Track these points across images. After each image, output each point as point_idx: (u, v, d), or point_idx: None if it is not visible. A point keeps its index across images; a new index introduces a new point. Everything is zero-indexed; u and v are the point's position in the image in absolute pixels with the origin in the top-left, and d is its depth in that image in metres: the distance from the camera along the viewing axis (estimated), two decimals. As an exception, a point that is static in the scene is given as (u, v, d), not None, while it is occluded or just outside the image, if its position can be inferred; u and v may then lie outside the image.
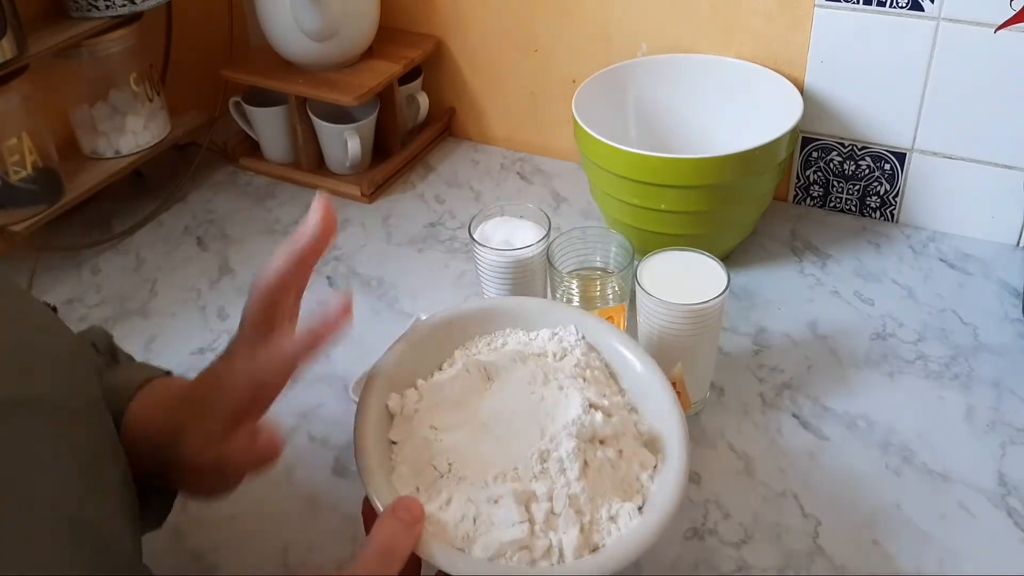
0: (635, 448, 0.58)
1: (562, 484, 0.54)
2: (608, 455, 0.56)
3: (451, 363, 0.63)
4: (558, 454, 0.54)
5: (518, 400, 0.58)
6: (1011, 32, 0.85)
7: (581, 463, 0.54)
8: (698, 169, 0.83)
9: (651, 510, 0.54)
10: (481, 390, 0.60)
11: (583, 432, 0.55)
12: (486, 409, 0.59)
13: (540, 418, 0.57)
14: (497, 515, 0.52)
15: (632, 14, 1.02)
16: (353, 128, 1.07)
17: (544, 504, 0.53)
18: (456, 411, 0.59)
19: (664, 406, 0.59)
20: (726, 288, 0.72)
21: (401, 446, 0.57)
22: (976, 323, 0.86)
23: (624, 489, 0.56)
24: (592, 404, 0.58)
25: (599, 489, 0.55)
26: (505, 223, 0.84)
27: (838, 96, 0.96)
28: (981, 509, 0.69)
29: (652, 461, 0.58)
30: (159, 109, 1.09)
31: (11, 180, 0.94)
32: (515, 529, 0.51)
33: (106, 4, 0.97)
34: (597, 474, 0.55)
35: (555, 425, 0.56)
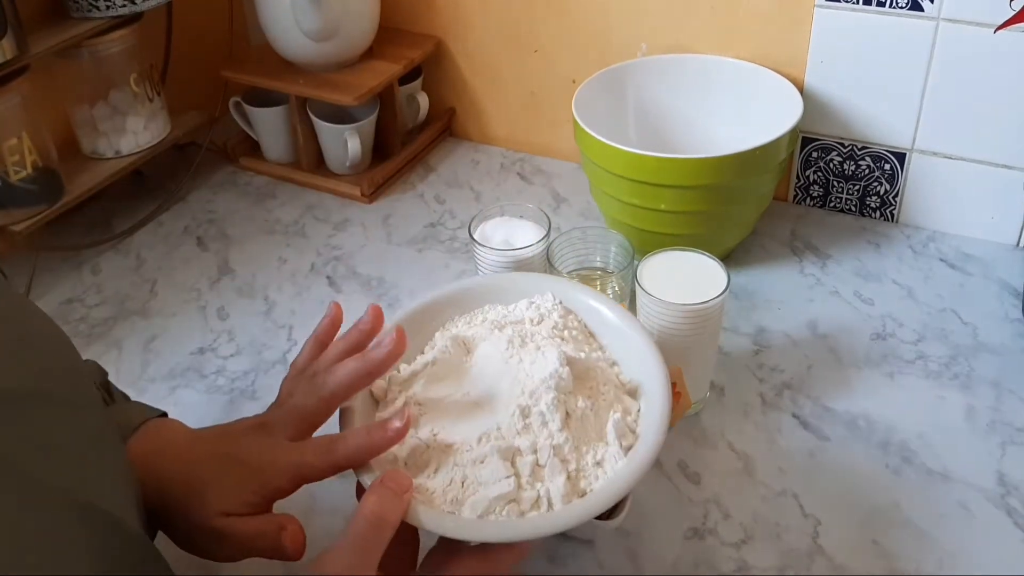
0: (618, 396, 0.59)
1: (545, 436, 0.54)
2: (589, 404, 0.57)
3: (432, 345, 0.64)
4: (539, 408, 0.55)
5: (497, 365, 0.59)
6: (1011, 32, 0.85)
7: (562, 414, 0.55)
8: (698, 169, 0.83)
9: (636, 451, 0.55)
10: (461, 362, 0.61)
11: (562, 384, 0.56)
12: (467, 378, 0.60)
13: (520, 378, 0.57)
14: (483, 474, 0.53)
15: (632, 14, 1.03)
16: (353, 128, 1.07)
17: (528, 457, 0.54)
18: (438, 386, 0.60)
19: (644, 356, 0.60)
20: (726, 288, 0.72)
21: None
22: (976, 323, 0.86)
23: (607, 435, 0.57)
24: (569, 357, 0.58)
25: (583, 437, 0.55)
26: (505, 223, 0.84)
27: (838, 96, 0.96)
28: (981, 509, 0.69)
29: (636, 406, 0.59)
30: (159, 109, 1.09)
31: (11, 180, 0.94)
32: (501, 484, 0.52)
33: (106, 4, 0.97)
34: (580, 423, 0.56)
35: (534, 381, 0.57)
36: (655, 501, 0.71)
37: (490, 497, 0.52)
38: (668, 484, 0.73)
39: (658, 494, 0.72)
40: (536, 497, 0.53)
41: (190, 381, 0.85)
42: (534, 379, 0.57)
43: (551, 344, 0.60)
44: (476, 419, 0.57)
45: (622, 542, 0.68)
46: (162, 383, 0.85)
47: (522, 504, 0.52)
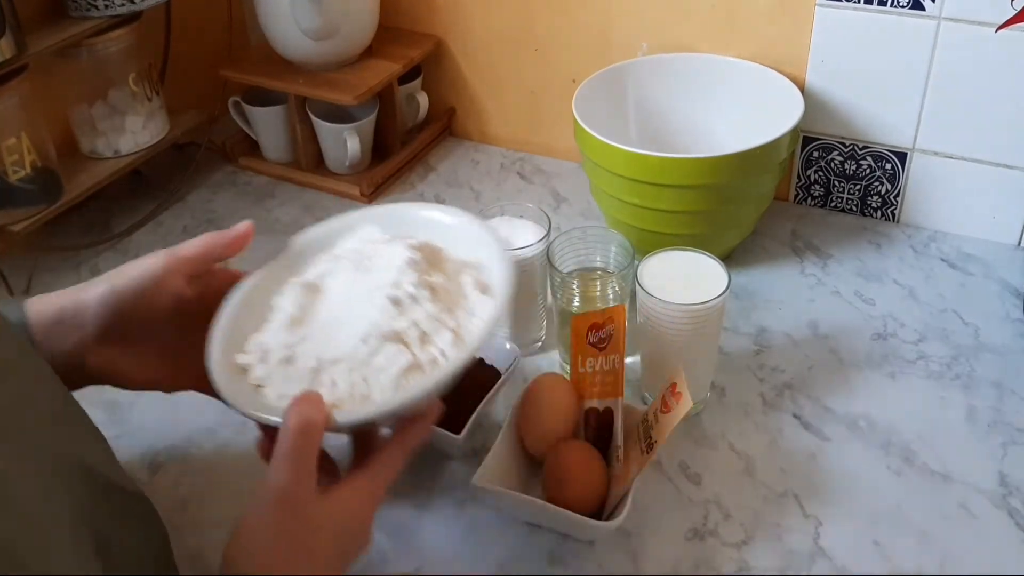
0: (464, 266, 0.64)
1: (420, 312, 0.58)
2: (443, 278, 0.62)
3: (278, 302, 0.64)
4: (405, 291, 0.59)
5: (351, 283, 0.62)
6: (1012, 31, 0.85)
7: (429, 291, 0.59)
8: (698, 169, 0.83)
9: (495, 292, 0.61)
10: (314, 299, 0.63)
11: (417, 265, 0.61)
12: (326, 306, 0.62)
13: (378, 281, 0.60)
14: (379, 362, 0.56)
15: (632, 14, 1.02)
16: (353, 128, 1.07)
17: (413, 332, 0.58)
18: (300, 327, 0.61)
19: (486, 246, 0.64)
20: (727, 288, 0.72)
21: (268, 379, 0.59)
22: (977, 323, 0.86)
23: (468, 293, 0.62)
24: (415, 244, 0.63)
25: (450, 303, 0.60)
26: (505, 223, 0.83)
27: (839, 96, 0.96)
28: (982, 509, 0.69)
29: (478, 270, 0.64)
30: (158, 109, 1.09)
31: (10, 180, 0.94)
32: (399, 360, 0.56)
33: (105, 4, 0.96)
34: (444, 293, 0.61)
35: (392, 274, 0.60)
36: (656, 501, 0.71)
37: (393, 374, 0.56)
38: (669, 484, 0.72)
39: (659, 494, 0.71)
40: (433, 357, 0.57)
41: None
42: (392, 272, 0.60)
43: (396, 244, 0.63)
44: (352, 328, 0.59)
45: (622, 542, 0.68)
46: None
47: (424, 369, 0.56)
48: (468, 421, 0.72)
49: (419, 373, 0.56)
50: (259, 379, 0.59)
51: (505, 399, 0.77)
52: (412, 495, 0.73)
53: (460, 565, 0.67)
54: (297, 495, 0.51)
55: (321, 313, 0.62)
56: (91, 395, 0.83)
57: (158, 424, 0.80)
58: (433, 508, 0.72)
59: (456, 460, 0.75)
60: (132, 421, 0.81)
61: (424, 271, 0.61)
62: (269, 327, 0.62)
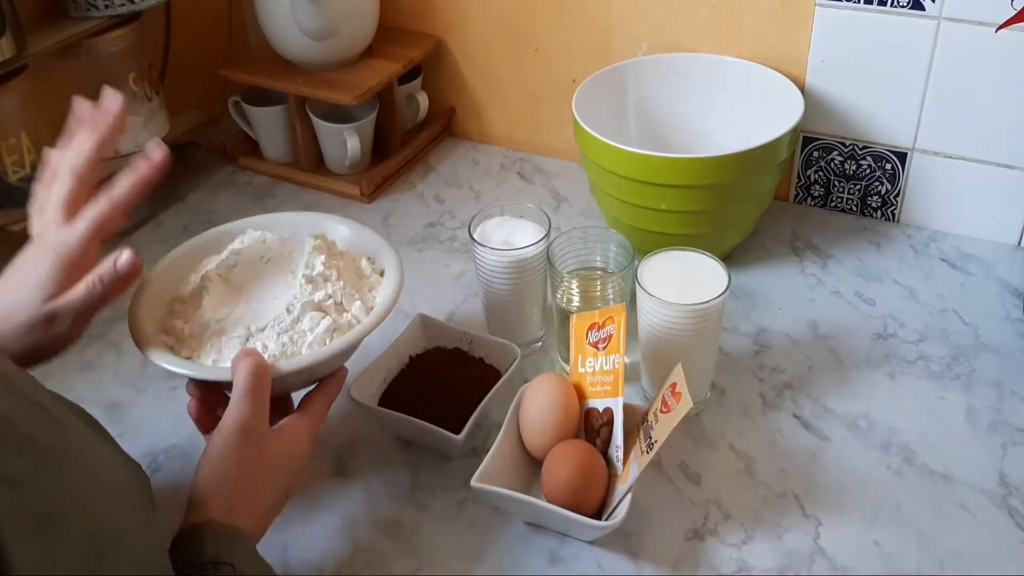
0: (356, 256, 0.76)
1: (331, 287, 0.70)
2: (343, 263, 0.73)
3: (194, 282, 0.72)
4: (316, 271, 0.70)
5: (262, 269, 0.73)
6: (1012, 31, 0.85)
7: (336, 271, 0.71)
8: (698, 169, 0.83)
9: (389, 271, 0.73)
10: (227, 285, 0.72)
11: (322, 247, 0.72)
12: (243, 289, 0.72)
13: (290, 266, 0.72)
14: (303, 327, 0.68)
15: (632, 14, 1.02)
16: (353, 128, 1.07)
17: (329, 302, 0.69)
18: (223, 307, 0.70)
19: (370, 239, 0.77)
20: (727, 288, 0.72)
21: (200, 351, 0.68)
22: (977, 323, 0.86)
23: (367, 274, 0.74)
24: (317, 237, 0.74)
25: (353, 281, 0.72)
26: (505, 223, 0.83)
27: (839, 95, 0.96)
28: (982, 509, 0.69)
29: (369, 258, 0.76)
30: (158, 109, 1.09)
31: (10, 180, 0.94)
32: (321, 325, 0.68)
33: (105, 4, 0.96)
34: (349, 273, 0.73)
35: (303, 258, 0.72)
36: (655, 501, 0.71)
37: (319, 334, 0.67)
38: (669, 484, 0.72)
39: (659, 494, 0.72)
40: (349, 321, 0.69)
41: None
42: (303, 257, 0.72)
43: (296, 237, 0.75)
44: (274, 303, 0.70)
45: (622, 542, 0.68)
46: (161, 383, 0.85)
47: (342, 330, 0.68)
48: (468, 421, 0.72)
49: (339, 333, 0.68)
50: (190, 352, 0.68)
51: (505, 399, 0.77)
52: (412, 495, 0.73)
53: (460, 565, 0.68)
54: (256, 428, 0.60)
55: (240, 295, 0.71)
56: (91, 396, 0.84)
57: (158, 424, 0.81)
58: (433, 508, 0.72)
59: (456, 460, 0.75)
60: (132, 421, 0.81)
61: (328, 255, 0.72)
62: (187, 310, 0.71)
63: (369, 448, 0.77)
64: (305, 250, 0.73)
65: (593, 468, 0.68)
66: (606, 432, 0.70)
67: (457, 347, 0.82)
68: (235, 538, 0.55)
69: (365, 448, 0.77)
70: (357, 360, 0.81)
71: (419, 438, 0.76)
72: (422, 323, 0.83)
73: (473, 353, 0.81)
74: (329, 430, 0.79)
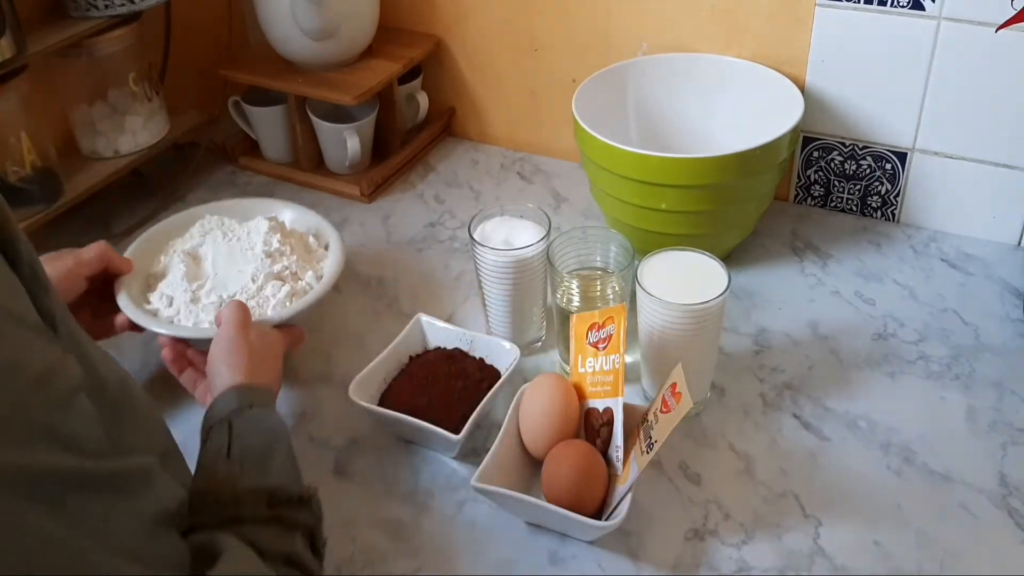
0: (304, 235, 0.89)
1: (287, 260, 0.83)
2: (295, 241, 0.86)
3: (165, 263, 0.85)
4: (274, 247, 0.84)
5: (226, 246, 0.85)
6: (1012, 31, 0.85)
7: (289, 247, 0.85)
8: (698, 169, 0.83)
9: (332, 247, 0.86)
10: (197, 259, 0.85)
11: (276, 230, 0.85)
12: (211, 263, 0.84)
13: (250, 242, 0.85)
14: (267, 293, 0.81)
15: (632, 14, 1.02)
16: (353, 128, 1.07)
17: (287, 272, 0.83)
18: (195, 279, 0.82)
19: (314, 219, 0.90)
20: (726, 288, 0.72)
21: (178, 316, 0.80)
22: (977, 323, 0.86)
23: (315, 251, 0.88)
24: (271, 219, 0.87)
25: (308, 253, 0.86)
26: (505, 223, 0.83)
27: (839, 96, 0.96)
28: (982, 509, 0.69)
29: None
30: (158, 109, 1.09)
31: (10, 180, 0.94)
32: (283, 291, 0.81)
33: (105, 4, 0.96)
34: (300, 248, 0.86)
35: (260, 236, 0.85)
36: (655, 501, 0.71)
37: (280, 298, 0.80)
38: (668, 484, 0.72)
39: (658, 494, 0.72)
40: (304, 287, 0.82)
41: (189, 381, 0.85)
42: (260, 235, 0.85)
43: (252, 219, 0.88)
44: (240, 275, 0.82)
45: (622, 542, 0.68)
46: (162, 383, 0.85)
47: (300, 294, 0.82)
48: (467, 421, 0.72)
49: (297, 297, 0.81)
50: (169, 317, 0.80)
51: (505, 399, 0.77)
52: (412, 496, 0.73)
53: (460, 565, 0.68)
54: (248, 325, 0.73)
55: (209, 268, 0.84)
56: (91, 395, 0.83)
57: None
58: (433, 508, 0.72)
59: (456, 460, 0.75)
60: (132, 421, 0.81)
61: (283, 235, 0.86)
62: (166, 282, 0.83)
63: (369, 448, 0.77)
64: (261, 230, 0.85)
65: (593, 468, 0.68)
66: (606, 432, 0.70)
67: (457, 347, 0.82)
68: (267, 392, 0.68)
69: (365, 448, 0.77)
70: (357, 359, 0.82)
71: (419, 438, 0.76)
72: (422, 323, 0.83)
73: (473, 353, 0.81)
74: (329, 430, 0.79)
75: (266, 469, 0.60)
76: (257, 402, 0.65)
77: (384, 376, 0.79)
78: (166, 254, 0.86)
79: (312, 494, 0.59)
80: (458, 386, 0.77)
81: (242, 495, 0.56)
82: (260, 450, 0.61)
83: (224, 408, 0.64)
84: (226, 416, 0.63)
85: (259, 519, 0.55)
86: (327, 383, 0.84)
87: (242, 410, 0.64)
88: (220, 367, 0.69)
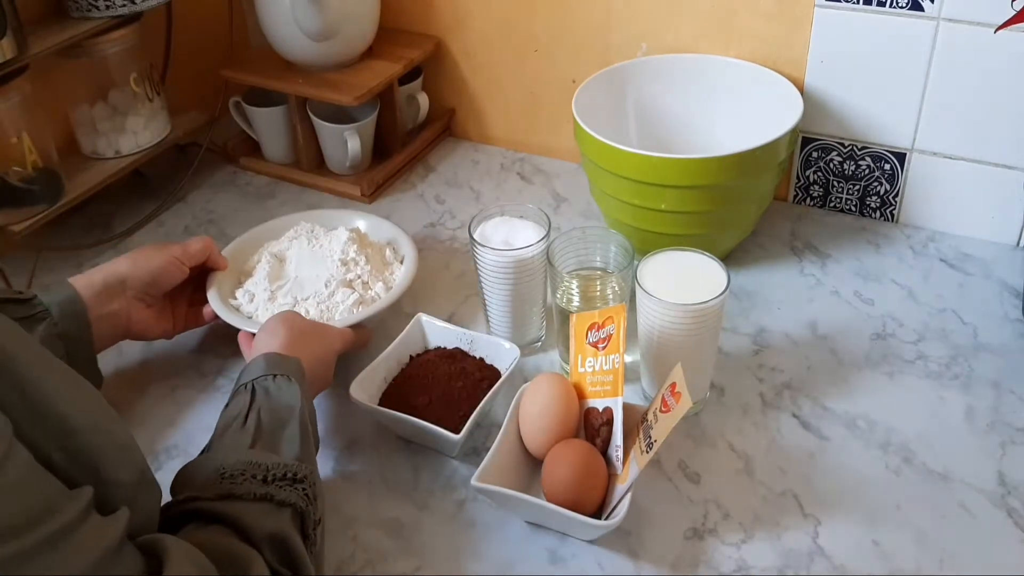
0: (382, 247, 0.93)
1: (359, 270, 0.88)
2: (370, 251, 0.91)
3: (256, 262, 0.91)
4: (349, 256, 0.88)
5: (308, 252, 0.90)
6: (1011, 32, 0.85)
7: (364, 257, 0.89)
8: (698, 169, 0.83)
9: (407, 260, 0.90)
10: (282, 262, 0.91)
11: (355, 240, 0.90)
12: (293, 266, 0.89)
13: (329, 251, 0.90)
14: (336, 300, 0.85)
15: (632, 14, 1.02)
16: (353, 128, 1.07)
17: (358, 282, 0.87)
18: (277, 279, 0.88)
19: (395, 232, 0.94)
20: (726, 288, 0.72)
21: (256, 312, 0.85)
22: (976, 323, 0.86)
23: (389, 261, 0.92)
24: (352, 229, 0.92)
25: (381, 264, 0.90)
26: (505, 223, 0.84)
27: (838, 96, 0.96)
28: (981, 509, 0.69)
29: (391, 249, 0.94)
30: (159, 109, 1.09)
31: (11, 180, 0.94)
32: (351, 298, 0.85)
33: (106, 4, 0.97)
34: (375, 259, 0.90)
35: (340, 245, 0.89)
36: (655, 501, 0.71)
37: (348, 305, 0.85)
38: (668, 484, 0.73)
39: (658, 494, 0.72)
40: (372, 296, 0.86)
41: (190, 380, 0.85)
42: (339, 244, 0.89)
43: (335, 229, 0.93)
44: (315, 280, 0.87)
45: (622, 541, 0.68)
46: (162, 382, 0.85)
47: (368, 302, 0.86)
48: (467, 421, 0.73)
49: (364, 306, 0.85)
50: (249, 312, 0.86)
51: (505, 399, 0.77)
52: (412, 495, 0.73)
53: (460, 565, 0.68)
54: (296, 316, 0.77)
55: (290, 271, 0.89)
56: (92, 395, 0.84)
57: (158, 424, 0.81)
58: (433, 508, 0.72)
59: (456, 460, 0.76)
60: (132, 421, 0.81)
61: (360, 244, 0.90)
62: (252, 280, 0.88)
63: (369, 448, 0.78)
64: (341, 239, 0.90)
65: (593, 467, 0.68)
66: (606, 432, 0.70)
67: (457, 347, 0.82)
68: (296, 363, 0.69)
69: (365, 448, 0.78)
70: (358, 359, 0.82)
71: (419, 438, 0.77)
72: (422, 323, 0.83)
73: (473, 353, 0.81)
74: (329, 430, 0.79)
75: (275, 442, 0.62)
76: (284, 372, 0.67)
77: (384, 376, 0.79)
78: (257, 254, 0.92)
79: (307, 474, 0.60)
80: (458, 386, 0.77)
81: (239, 469, 0.58)
82: (273, 423, 0.64)
83: (251, 374, 0.67)
84: (250, 381, 0.66)
85: (251, 495, 0.57)
86: (327, 383, 0.84)
87: (267, 378, 0.66)
88: (260, 337, 0.74)
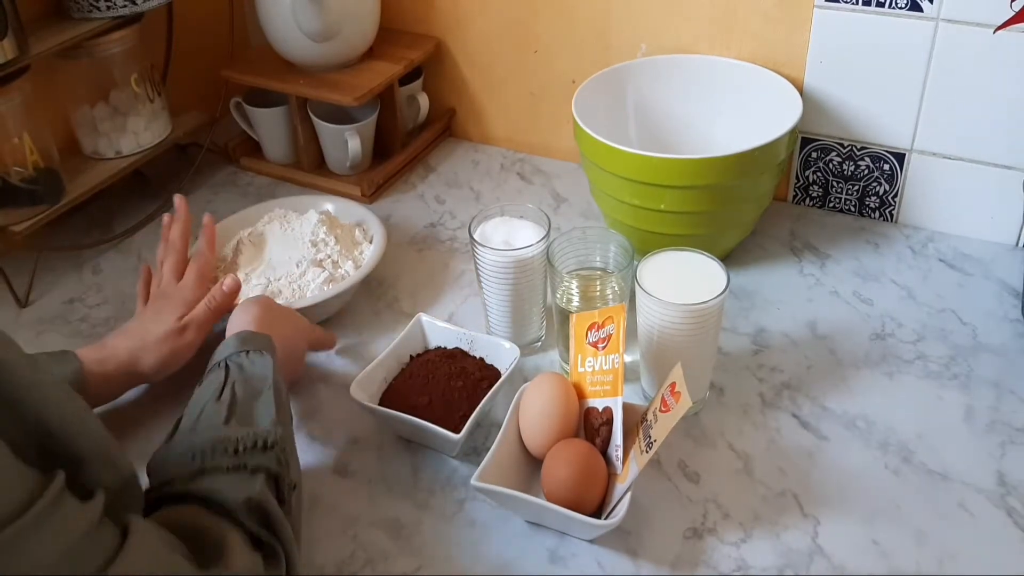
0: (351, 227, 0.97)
1: (330, 249, 0.92)
2: (339, 231, 0.94)
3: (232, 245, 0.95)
4: (320, 237, 0.92)
5: (281, 234, 0.94)
6: (1010, 32, 0.85)
7: (334, 238, 0.92)
8: (698, 169, 0.83)
9: (375, 238, 0.95)
10: (259, 244, 0.94)
11: (324, 223, 0.93)
12: (266, 250, 0.93)
13: (300, 232, 0.93)
14: (308, 279, 0.89)
15: (632, 14, 1.03)
16: (353, 128, 1.08)
17: (328, 261, 0.91)
18: (250, 263, 0.92)
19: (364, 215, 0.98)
20: (726, 288, 0.72)
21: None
22: (975, 323, 0.86)
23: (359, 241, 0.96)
24: (322, 212, 0.96)
25: (351, 245, 0.94)
26: (505, 223, 0.84)
27: (837, 96, 0.96)
28: (980, 509, 0.69)
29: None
30: (160, 109, 1.09)
31: (12, 180, 0.95)
32: (321, 277, 0.89)
33: (107, 5, 0.97)
34: (345, 240, 0.94)
35: (310, 227, 0.93)
36: (655, 500, 0.71)
37: (319, 283, 0.88)
38: (668, 484, 0.73)
39: (658, 494, 0.72)
40: (342, 275, 0.90)
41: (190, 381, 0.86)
42: (310, 226, 0.93)
43: (306, 212, 0.97)
44: (287, 261, 0.90)
45: (622, 541, 0.68)
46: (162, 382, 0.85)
47: (338, 280, 0.89)
48: (468, 420, 0.73)
49: (334, 283, 0.89)
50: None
51: (505, 399, 0.77)
52: (412, 495, 0.73)
53: (460, 565, 0.68)
54: (269, 299, 0.80)
55: (264, 254, 0.93)
56: (93, 395, 0.84)
57: (154, 424, 0.81)
58: (433, 508, 0.72)
59: (456, 460, 0.76)
60: (128, 421, 0.81)
61: (329, 226, 0.93)
62: (228, 264, 0.92)
63: (369, 448, 0.78)
64: (312, 221, 0.94)
65: (593, 467, 0.68)
66: (605, 431, 0.70)
67: (457, 347, 0.82)
68: (267, 339, 0.71)
69: (365, 448, 0.78)
70: (358, 359, 0.82)
71: (419, 438, 0.77)
72: (422, 323, 0.83)
73: (473, 353, 0.81)
74: (329, 430, 0.79)
75: (249, 412, 0.64)
76: (256, 347, 0.70)
77: (385, 375, 0.79)
78: (233, 240, 0.95)
79: (277, 439, 0.62)
80: (458, 386, 0.77)
81: (210, 446, 0.59)
82: (247, 394, 0.66)
83: (224, 351, 0.70)
84: (223, 359, 0.68)
85: (222, 468, 0.58)
86: (327, 383, 0.84)
87: (240, 354, 0.69)
88: (234, 318, 0.76)
